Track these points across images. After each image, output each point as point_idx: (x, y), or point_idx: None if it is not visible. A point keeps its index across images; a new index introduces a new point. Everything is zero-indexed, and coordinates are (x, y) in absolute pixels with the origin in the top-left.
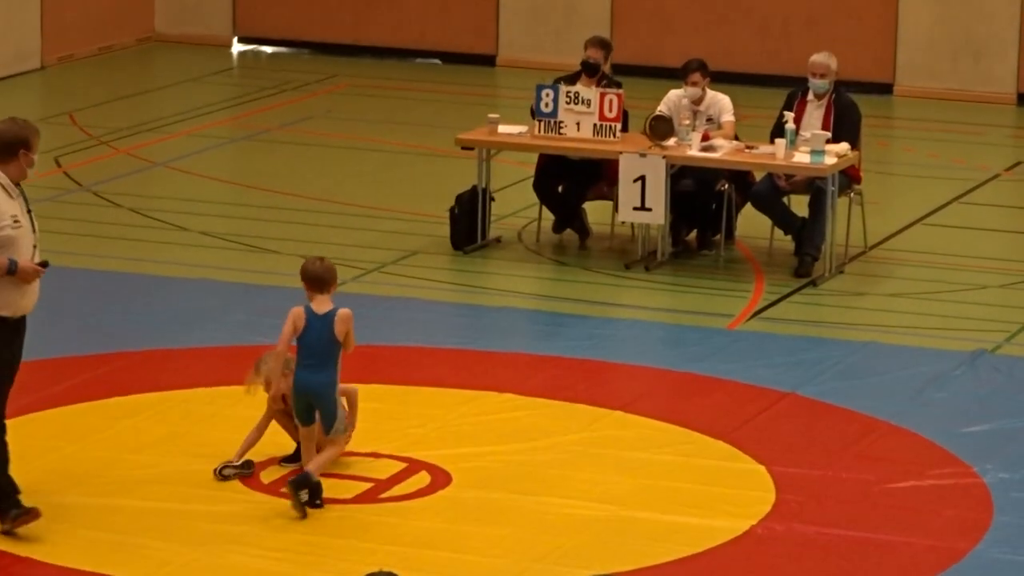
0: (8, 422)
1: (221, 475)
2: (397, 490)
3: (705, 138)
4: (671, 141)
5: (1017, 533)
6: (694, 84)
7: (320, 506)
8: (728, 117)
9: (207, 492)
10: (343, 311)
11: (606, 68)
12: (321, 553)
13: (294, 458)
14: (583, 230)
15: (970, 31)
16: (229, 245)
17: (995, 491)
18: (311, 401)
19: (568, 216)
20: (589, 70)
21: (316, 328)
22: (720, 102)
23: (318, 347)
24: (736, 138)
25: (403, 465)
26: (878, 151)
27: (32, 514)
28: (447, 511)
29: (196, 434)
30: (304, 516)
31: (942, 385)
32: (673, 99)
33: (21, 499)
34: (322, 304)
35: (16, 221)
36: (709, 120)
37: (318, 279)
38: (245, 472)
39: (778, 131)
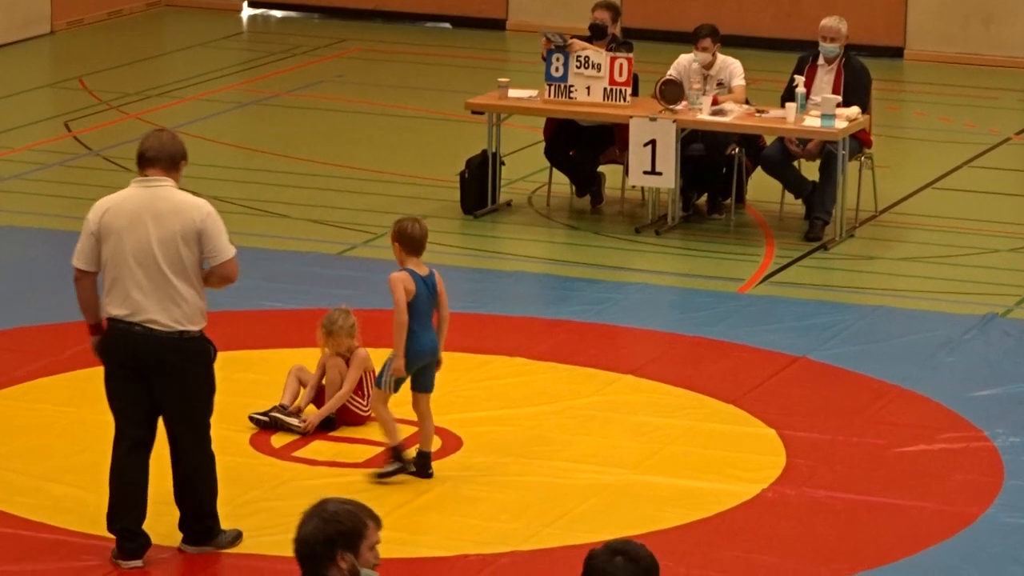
0: (18, 387)
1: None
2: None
3: (715, 102)
4: (681, 105)
5: None
6: (704, 50)
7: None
8: (739, 81)
9: (217, 456)
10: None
11: (615, 30)
12: None
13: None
14: (597, 195)
15: None
16: (239, 210)
17: (1005, 455)
18: (428, 363)
19: (586, 181)
20: (597, 33)
21: (423, 290)
22: (731, 66)
23: (427, 308)
24: (747, 102)
25: (414, 429)
26: (889, 115)
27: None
28: (457, 475)
29: None
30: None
31: (953, 349)
32: (684, 63)
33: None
34: (419, 266)
35: None
36: (720, 84)
37: (418, 242)
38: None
39: (789, 95)
